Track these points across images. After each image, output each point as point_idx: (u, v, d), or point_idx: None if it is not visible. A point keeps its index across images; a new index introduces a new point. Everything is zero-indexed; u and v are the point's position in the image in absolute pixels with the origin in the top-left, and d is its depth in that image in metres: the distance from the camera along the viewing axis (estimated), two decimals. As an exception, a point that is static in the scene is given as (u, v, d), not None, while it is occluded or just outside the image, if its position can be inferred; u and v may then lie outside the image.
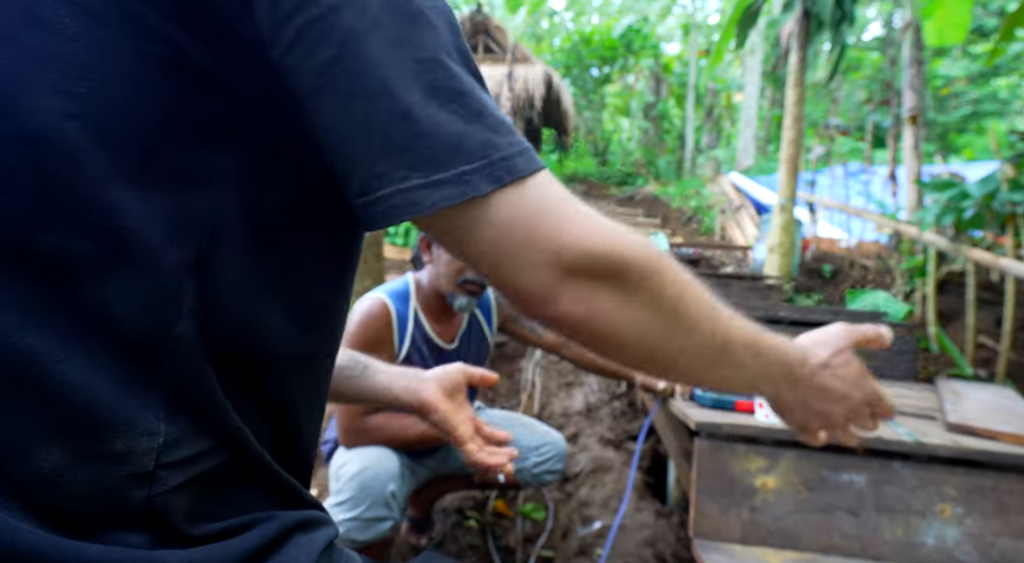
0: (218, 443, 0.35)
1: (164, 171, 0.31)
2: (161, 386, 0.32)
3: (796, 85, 4.14)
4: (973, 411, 1.36)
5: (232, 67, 0.31)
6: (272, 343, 0.37)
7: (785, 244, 4.11)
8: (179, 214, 0.31)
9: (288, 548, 0.36)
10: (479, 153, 0.32)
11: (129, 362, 0.31)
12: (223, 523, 0.34)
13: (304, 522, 0.39)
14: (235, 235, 0.33)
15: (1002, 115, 12.16)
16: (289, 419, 0.40)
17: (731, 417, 1.19)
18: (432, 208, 0.31)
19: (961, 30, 3.43)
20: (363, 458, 1.21)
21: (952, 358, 2.53)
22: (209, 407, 0.34)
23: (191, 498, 0.33)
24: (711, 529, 1.12)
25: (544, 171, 0.35)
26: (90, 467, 0.30)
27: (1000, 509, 1.07)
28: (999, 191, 2.36)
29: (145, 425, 0.31)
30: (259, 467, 0.37)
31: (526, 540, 1.74)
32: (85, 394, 0.30)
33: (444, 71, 0.32)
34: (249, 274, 0.34)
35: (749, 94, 11.59)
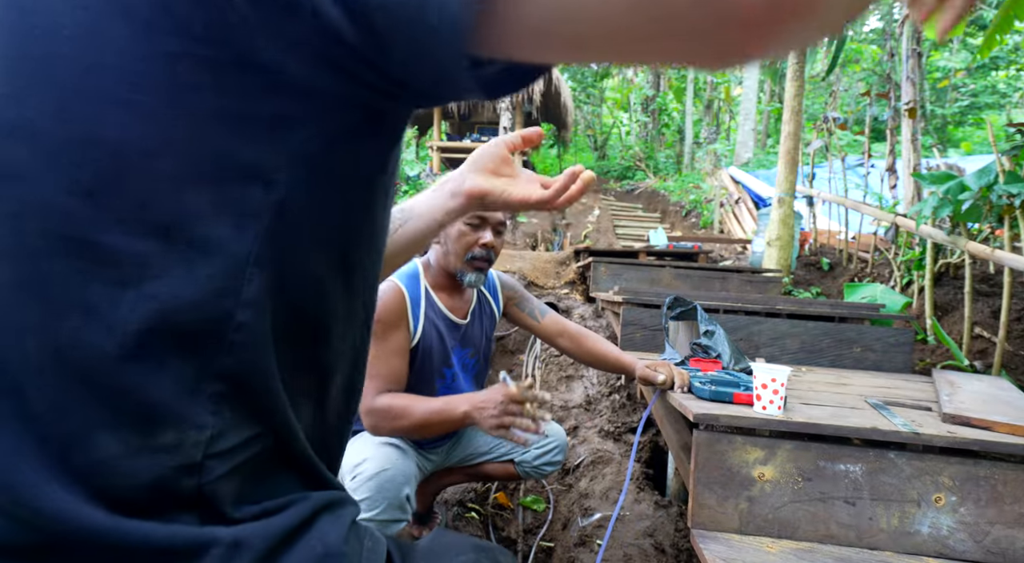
0: (263, 430, 0.36)
1: (224, 167, 0.31)
2: (214, 380, 0.33)
3: (795, 78, 4.13)
4: (969, 402, 1.38)
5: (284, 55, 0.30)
6: (330, 310, 0.38)
7: (784, 237, 4.12)
8: (240, 206, 0.32)
9: (319, 526, 0.38)
10: None
11: (185, 358, 0.32)
12: (261, 505, 0.36)
13: (331, 502, 0.40)
14: (296, 216, 0.33)
15: (1001, 107, 12.15)
16: (328, 391, 0.41)
17: (729, 409, 1.20)
18: None
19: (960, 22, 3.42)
20: (380, 458, 1.22)
21: (948, 349, 2.55)
22: (260, 395, 0.35)
23: (236, 484, 0.35)
24: (709, 520, 1.13)
25: None
26: (143, 458, 0.31)
27: (995, 498, 1.08)
28: (996, 183, 2.37)
29: (195, 419, 0.32)
30: (294, 451, 0.39)
31: (527, 531, 1.76)
32: (139, 391, 0.31)
33: None
34: (308, 248, 0.35)
35: (748, 88, 11.57)
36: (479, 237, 1.31)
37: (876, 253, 4.00)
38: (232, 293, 0.32)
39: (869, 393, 1.54)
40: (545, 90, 10.22)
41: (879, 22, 14.05)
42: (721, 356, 1.59)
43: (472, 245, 1.31)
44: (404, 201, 0.69)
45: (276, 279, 0.34)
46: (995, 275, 3.07)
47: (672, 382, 1.36)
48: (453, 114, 12.13)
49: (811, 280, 4.24)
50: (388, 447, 1.26)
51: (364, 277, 0.42)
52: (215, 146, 0.31)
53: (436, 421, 1.20)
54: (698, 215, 8.57)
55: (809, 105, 12.88)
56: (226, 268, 0.32)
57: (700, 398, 1.29)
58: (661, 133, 14.60)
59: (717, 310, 2.17)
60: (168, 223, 0.30)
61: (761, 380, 1.19)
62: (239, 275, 0.32)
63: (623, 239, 6.97)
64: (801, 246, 4.77)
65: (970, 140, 10.16)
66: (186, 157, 0.30)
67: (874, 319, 2.22)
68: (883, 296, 3.03)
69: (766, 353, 2.13)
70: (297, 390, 0.38)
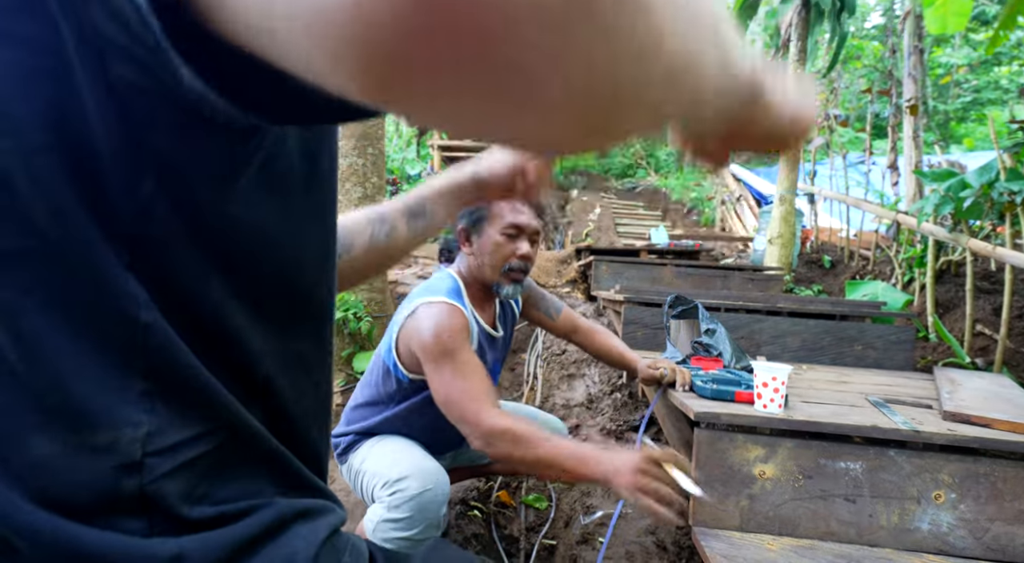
0: (211, 426, 0.35)
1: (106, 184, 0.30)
2: (140, 377, 0.32)
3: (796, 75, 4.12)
4: (969, 399, 1.38)
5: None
6: (228, 313, 0.35)
7: (785, 235, 4.12)
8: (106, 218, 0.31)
9: (287, 538, 0.36)
10: None
11: (106, 356, 0.31)
12: (220, 508, 0.35)
13: (306, 511, 0.38)
14: (165, 219, 0.32)
15: (1003, 103, 12.10)
16: (274, 397, 0.39)
17: (730, 407, 1.20)
18: None
19: (962, 18, 3.42)
20: (423, 477, 1.19)
21: (950, 347, 2.55)
22: (194, 390, 0.34)
23: (186, 482, 0.34)
24: (710, 517, 1.14)
25: None
26: (82, 457, 0.31)
27: (994, 495, 1.09)
28: (998, 180, 2.37)
29: (128, 417, 0.32)
30: (261, 449, 0.37)
31: (529, 529, 1.77)
32: (66, 389, 0.31)
33: None
34: (191, 253, 0.33)
35: (749, 84, 11.51)
36: (516, 248, 1.27)
37: (877, 251, 4.00)
38: (123, 297, 0.31)
39: (870, 391, 1.54)
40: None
41: (881, 18, 14.01)
42: (722, 354, 1.59)
43: (509, 256, 1.27)
44: (386, 204, 0.69)
45: (157, 282, 0.33)
46: (996, 272, 3.07)
47: (674, 380, 1.37)
48: (454, 112, 12.09)
49: (812, 278, 4.24)
50: (427, 461, 1.25)
51: (287, 273, 0.38)
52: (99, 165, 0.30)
53: (559, 466, 1.04)
54: (699, 213, 8.56)
55: (810, 102, 12.81)
56: (104, 276, 0.31)
57: (702, 396, 1.29)
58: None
59: (718, 308, 2.18)
60: (48, 230, 0.30)
61: (762, 378, 1.19)
62: (121, 282, 0.31)
63: (624, 237, 6.97)
64: (802, 244, 4.77)
65: (972, 136, 10.13)
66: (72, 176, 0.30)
67: (875, 317, 2.23)
68: (884, 294, 3.03)
69: (767, 351, 2.13)
70: (245, 388, 0.36)
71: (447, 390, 1.11)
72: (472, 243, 1.30)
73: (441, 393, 1.12)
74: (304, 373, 0.42)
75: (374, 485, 1.23)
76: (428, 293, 1.24)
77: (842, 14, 4.11)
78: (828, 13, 4.07)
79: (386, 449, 1.28)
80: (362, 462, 1.29)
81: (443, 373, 1.13)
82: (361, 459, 1.30)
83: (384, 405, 1.34)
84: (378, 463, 1.25)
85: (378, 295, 2.87)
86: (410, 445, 1.31)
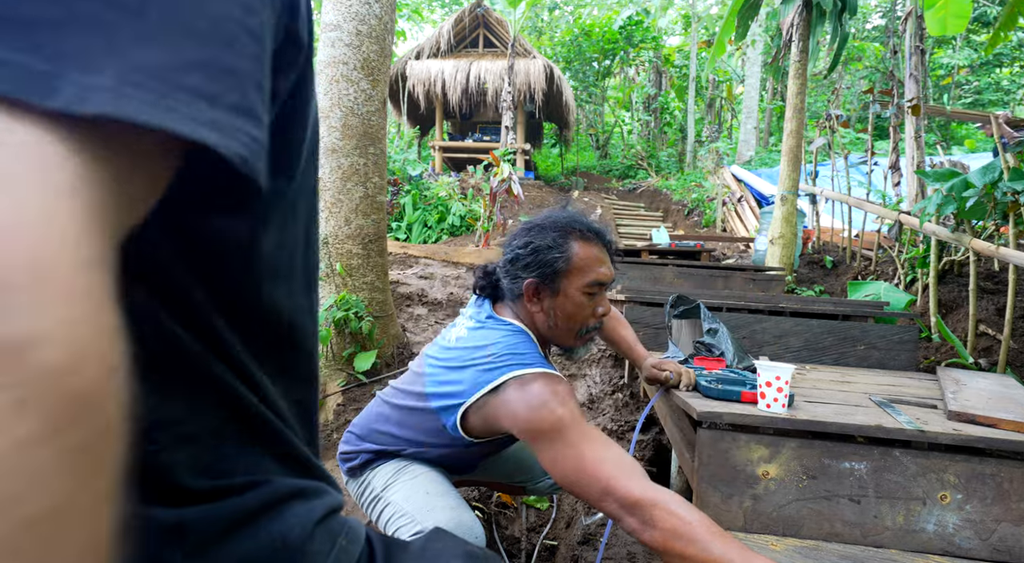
0: (208, 401, 0.35)
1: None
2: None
3: (797, 76, 4.12)
4: (975, 399, 1.37)
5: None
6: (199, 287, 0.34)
7: (786, 235, 4.11)
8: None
9: (283, 515, 0.37)
10: None
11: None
12: (220, 481, 0.35)
13: (303, 491, 0.39)
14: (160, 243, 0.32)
15: (1004, 104, 12.09)
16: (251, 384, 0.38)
17: (733, 407, 1.19)
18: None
19: (962, 20, 3.42)
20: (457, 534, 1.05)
21: (953, 347, 2.54)
22: (184, 365, 0.33)
23: (188, 454, 0.34)
24: (713, 517, 1.13)
25: None
26: None
27: (1000, 495, 1.08)
28: (1001, 180, 2.36)
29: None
30: (261, 428, 0.37)
31: (530, 530, 1.76)
32: None
33: None
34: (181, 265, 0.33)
35: (750, 86, 11.54)
36: (597, 308, 1.11)
37: (880, 251, 3.99)
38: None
39: (873, 391, 1.53)
40: (547, 89, 10.22)
41: (881, 19, 14.00)
42: (725, 354, 1.58)
43: (591, 318, 1.11)
44: None
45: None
46: (1000, 272, 3.05)
47: (678, 381, 1.36)
48: (455, 114, 12.14)
49: (814, 278, 4.23)
50: (465, 513, 1.11)
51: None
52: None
53: None
54: (700, 214, 8.55)
55: (812, 103, 12.84)
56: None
57: (707, 396, 1.28)
58: (663, 132, 14.58)
59: (720, 308, 2.17)
60: None
61: (765, 378, 1.18)
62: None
63: (625, 238, 6.97)
64: (804, 244, 4.76)
65: (973, 138, 10.11)
66: None
67: (878, 317, 2.22)
68: (887, 294, 3.02)
69: (769, 351, 2.12)
70: (230, 369, 0.36)
71: (578, 464, 0.87)
72: (543, 300, 1.10)
73: (568, 468, 0.89)
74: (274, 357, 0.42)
75: (400, 524, 1.09)
76: (513, 361, 1.01)
77: (843, 15, 4.10)
78: (829, 14, 4.07)
79: (419, 486, 1.13)
80: (385, 489, 1.15)
81: (568, 446, 0.90)
82: (383, 484, 1.16)
83: (425, 446, 1.16)
84: (409, 501, 1.11)
85: (379, 295, 2.87)
86: (446, 486, 1.16)
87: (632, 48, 13.41)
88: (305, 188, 0.39)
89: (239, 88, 0.25)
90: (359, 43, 2.65)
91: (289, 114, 0.34)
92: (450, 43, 10.99)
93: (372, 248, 2.81)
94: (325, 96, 2.68)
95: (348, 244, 2.74)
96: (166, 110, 0.22)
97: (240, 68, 0.25)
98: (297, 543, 0.36)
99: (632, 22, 13.13)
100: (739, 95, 13.96)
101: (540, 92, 10.17)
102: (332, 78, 2.67)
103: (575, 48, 13.55)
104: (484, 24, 11.46)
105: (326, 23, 2.67)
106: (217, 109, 0.23)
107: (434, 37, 10.97)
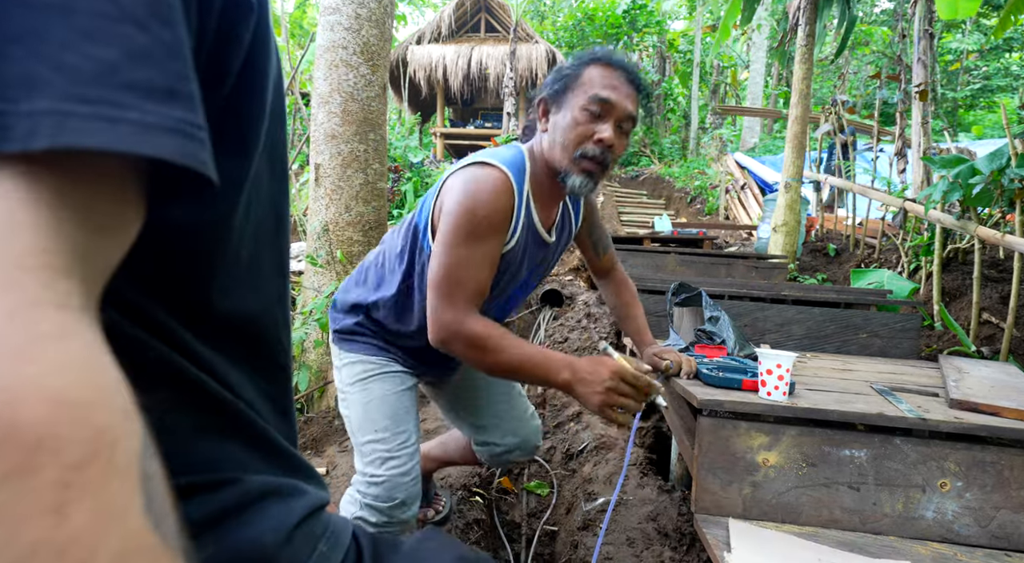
0: (169, 388, 0.33)
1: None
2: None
3: (804, 61, 4.06)
4: (977, 387, 1.37)
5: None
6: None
7: (790, 223, 4.08)
8: None
9: (254, 516, 0.34)
10: None
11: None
12: (186, 478, 0.32)
13: (279, 489, 0.36)
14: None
15: (1013, 90, 11.93)
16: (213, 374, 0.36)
17: (733, 395, 1.19)
18: None
19: (973, 2, 3.35)
20: (403, 461, 1.14)
21: (955, 335, 2.53)
22: (140, 348, 0.32)
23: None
24: (713, 504, 1.13)
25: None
26: None
27: (1000, 483, 1.08)
28: (1009, 167, 2.33)
29: None
30: (233, 418, 0.35)
31: (530, 515, 1.77)
32: None
33: None
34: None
35: (755, 71, 11.40)
36: (596, 129, 1.02)
37: (883, 239, 3.96)
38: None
39: (875, 379, 1.53)
40: (548, 72, 10.10)
41: (889, 3, 13.78)
42: (726, 342, 1.58)
43: (586, 138, 1.02)
44: None
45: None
46: (1004, 260, 3.03)
47: (679, 369, 1.35)
48: (456, 100, 12.04)
49: (817, 266, 4.21)
50: (407, 436, 1.18)
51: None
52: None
53: (527, 373, 1.00)
54: (703, 201, 8.50)
55: (817, 89, 12.69)
56: None
57: (708, 384, 1.28)
58: (666, 118, 14.44)
59: (722, 296, 2.16)
60: None
61: (767, 366, 1.18)
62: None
63: (627, 225, 6.93)
64: (807, 232, 4.73)
65: (981, 124, 10.00)
66: None
67: (880, 305, 2.21)
68: (890, 282, 3.01)
69: (771, 339, 2.12)
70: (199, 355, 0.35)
71: (443, 270, 1.00)
72: (549, 117, 1.09)
73: (435, 270, 1.01)
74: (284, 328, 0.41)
75: (353, 429, 1.20)
76: (487, 155, 1.06)
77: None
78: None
79: (364, 399, 1.20)
80: (349, 387, 1.22)
81: (450, 249, 1.00)
82: (350, 380, 1.22)
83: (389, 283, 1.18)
84: (359, 412, 1.19)
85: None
86: (395, 401, 1.20)
87: (636, 33, 13.23)
88: (265, 168, 0.37)
89: (166, 67, 0.24)
90: (358, 27, 2.62)
91: (242, 90, 0.32)
92: (451, 28, 10.86)
93: (373, 235, 2.80)
94: (325, 81, 2.65)
95: (349, 231, 2.73)
96: (111, 124, 0.21)
97: (161, 41, 0.24)
98: (272, 550, 0.34)
99: (636, 6, 12.94)
100: (744, 81, 13.79)
101: (542, 78, 10.06)
102: (331, 63, 2.63)
103: (578, 33, 13.37)
104: (486, 8, 11.31)
105: (325, 6, 2.63)
106: (156, 102, 0.23)
107: (435, 21, 10.84)
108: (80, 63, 0.21)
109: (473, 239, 1.00)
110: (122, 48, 0.23)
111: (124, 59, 0.23)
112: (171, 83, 0.24)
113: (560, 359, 1.00)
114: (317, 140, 2.70)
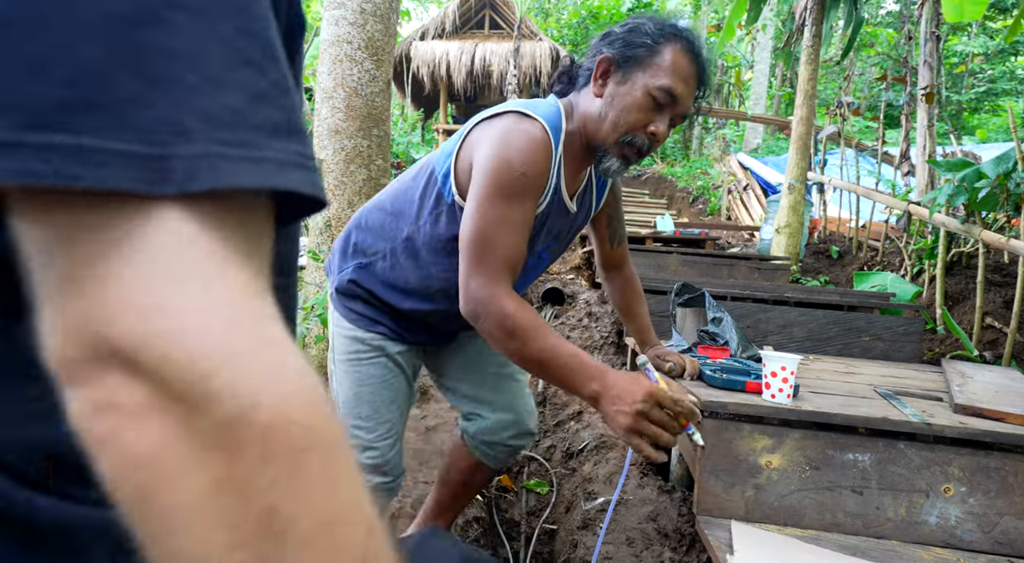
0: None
1: None
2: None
3: (809, 62, 4.04)
4: (981, 392, 1.36)
5: None
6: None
7: (793, 225, 4.07)
8: None
9: None
10: None
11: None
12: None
13: None
14: None
15: (1019, 94, 11.90)
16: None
17: (737, 397, 1.19)
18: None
19: (981, 5, 3.33)
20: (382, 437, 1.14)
21: (958, 339, 2.52)
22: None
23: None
24: (715, 506, 1.13)
25: None
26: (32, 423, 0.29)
27: (1005, 489, 1.07)
28: (1015, 171, 2.32)
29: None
30: None
31: (530, 513, 1.77)
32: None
33: None
34: None
35: (759, 71, 11.36)
36: (653, 120, 0.96)
37: (887, 241, 3.95)
38: None
39: (878, 382, 1.52)
40: (553, 72, 10.08)
41: (895, 4, 13.73)
42: (729, 343, 1.57)
43: (640, 126, 0.97)
44: None
45: None
46: (1008, 265, 3.02)
47: (682, 371, 1.35)
48: (459, 97, 12.02)
49: (820, 268, 4.20)
50: (388, 427, 1.15)
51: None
52: None
53: (554, 372, 0.90)
54: (705, 201, 8.48)
55: (822, 90, 12.66)
56: None
57: (712, 386, 1.27)
58: (670, 118, 14.38)
59: (725, 297, 2.15)
60: None
61: (771, 368, 1.17)
62: None
63: (630, 225, 6.92)
64: (810, 234, 4.72)
65: (986, 127, 9.97)
66: None
67: (883, 308, 2.20)
68: (893, 285, 3.00)
69: (773, 341, 2.11)
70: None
71: (480, 229, 0.89)
72: (608, 81, 0.99)
73: (466, 230, 0.90)
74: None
75: (339, 403, 1.16)
76: (524, 105, 0.97)
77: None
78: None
79: (352, 381, 1.15)
80: (337, 362, 1.17)
81: (487, 207, 0.90)
82: (340, 355, 1.16)
83: (398, 226, 1.08)
84: (345, 393, 1.15)
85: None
86: (381, 390, 1.15)
87: (640, 31, 13.17)
88: None
89: (282, 105, 0.26)
90: (363, 22, 2.61)
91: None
92: (455, 24, 10.83)
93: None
94: (329, 76, 2.64)
95: (351, 227, 2.73)
96: (256, 164, 0.24)
97: (274, 81, 0.26)
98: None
99: (640, 4, 12.90)
100: (748, 81, 13.74)
101: (546, 76, 10.04)
102: (336, 58, 2.62)
103: (582, 31, 13.33)
104: (490, 5, 11.28)
105: (329, 1, 2.62)
106: (280, 139, 0.25)
107: (439, 18, 10.81)
108: (216, 109, 0.24)
109: (508, 196, 0.91)
110: (247, 91, 0.25)
111: (249, 102, 0.25)
112: (288, 119, 0.26)
113: (594, 367, 0.89)
114: (320, 135, 2.69)
